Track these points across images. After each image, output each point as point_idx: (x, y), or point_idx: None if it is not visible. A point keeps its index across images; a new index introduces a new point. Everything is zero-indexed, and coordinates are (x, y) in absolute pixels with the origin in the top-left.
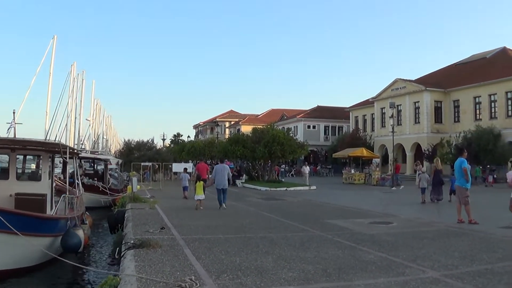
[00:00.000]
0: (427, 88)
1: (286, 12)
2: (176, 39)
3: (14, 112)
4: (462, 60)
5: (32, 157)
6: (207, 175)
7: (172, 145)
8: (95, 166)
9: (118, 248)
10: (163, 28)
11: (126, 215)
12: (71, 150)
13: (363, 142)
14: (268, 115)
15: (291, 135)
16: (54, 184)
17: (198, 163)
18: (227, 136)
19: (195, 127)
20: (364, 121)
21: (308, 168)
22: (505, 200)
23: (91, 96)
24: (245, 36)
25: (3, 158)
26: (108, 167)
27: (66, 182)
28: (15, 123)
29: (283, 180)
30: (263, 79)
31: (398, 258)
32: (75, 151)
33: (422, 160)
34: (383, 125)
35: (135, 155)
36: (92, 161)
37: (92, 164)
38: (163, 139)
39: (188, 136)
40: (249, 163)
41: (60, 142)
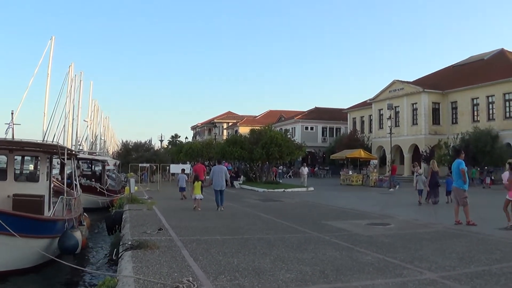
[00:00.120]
0: (425, 90)
1: (284, 13)
2: (174, 41)
3: (12, 113)
4: (460, 61)
5: (30, 158)
6: (204, 176)
7: (170, 146)
8: (93, 167)
9: (115, 249)
10: (161, 29)
11: (123, 216)
12: (69, 151)
13: (361, 143)
14: (266, 116)
15: (289, 136)
16: (52, 185)
17: (196, 164)
18: (225, 137)
19: (193, 128)
20: (362, 122)
21: (306, 169)
22: (502, 201)
23: (89, 97)
24: (243, 37)
25: (1, 159)
26: (106, 168)
27: (64, 183)
28: (13, 123)
29: (281, 181)
30: (261, 81)
31: (395, 260)
32: (73, 152)
33: (420, 161)
34: (381, 126)
35: (133, 156)
36: (89, 162)
37: (89, 165)
38: (161, 140)
39: (186, 137)
40: (246, 164)
41: (58, 143)
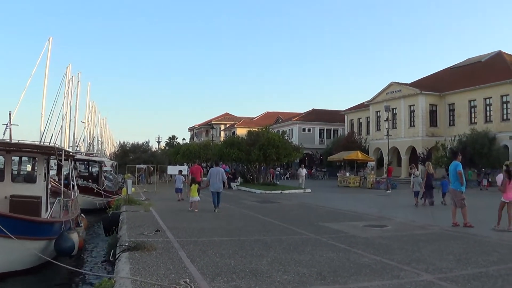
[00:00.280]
0: (422, 92)
1: (282, 15)
2: (172, 42)
3: (10, 114)
4: (458, 63)
5: (28, 158)
6: (201, 178)
7: (167, 147)
8: (90, 169)
9: (112, 251)
10: (159, 30)
11: (121, 218)
12: (66, 153)
13: (358, 145)
14: (263, 118)
15: (286, 138)
16: (50, 185)
17: (193, 165)
18: (222, 139)
19: (190, 129)
20: (359, 124)
21: (304, 170)
22: (499, 203)
23: (87, 98)
24: (241, 39)
25: None
26: (103, 169)
27: (61, 185)
28: (11, 124)
29: (278, 183)
30: (259, 82)
31: (392, 261)
32: (70, 154)
33: (417, 163)
34: (378, 128)
35: (130, 157)
36: (87, 163)
37: (87, 166)
38: (158, 142)
39: (183, 139)
40: (244, 166)
41: (56, 145)
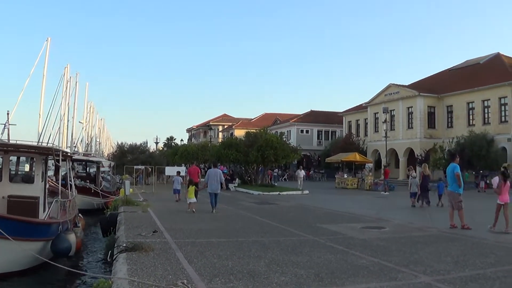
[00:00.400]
0: (421, 94)
1: (280, 16)
2: (170, 43)
3: (8, 113)
4: (456, 65)
5: (26, 158)
6: (198, 179)
7: (165, 148)
8: (88, 169)
9: (110, 251)
10: (157, 31)
11: (118, 218)
12: (64, 153)
13: (356, 147)
14: (261, 119)
15: (284, 139)
16: (48, 185)
17: (190, 166)
18: (220, 140)
19: (188, 130)
20: (357, 126)
21: (302, 172)
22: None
23: (85, 98)
24: (239, 40)
25: None
26: (101, 170)
27: (59, 185)
28: (9, 124)
29: (276, 184)
30: (257, 83)
31: (390, 263)
32: (68, 154)
33: (415, 165)
34: (376, 130)
35: (128, 158)
36: (84, 163)
37: (84, 167)
38: (156, 143)
39: (181, 140)
40: (242, 167)
41: (53, 146)
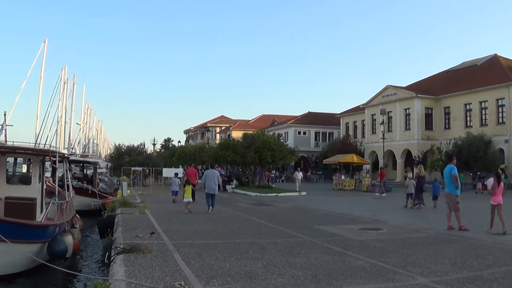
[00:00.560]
0: (418, 95)
1: (278, 18)
2: (168, 44)
3: (5, 114)
4: (453, 67)
5: (23, 159)
6: (196, 180)
7: (162, 150)
8: (85, 171)
9: (107, 253)
10: (155, 32)
11: (116, 220)
12: (61, 155)
13: (354, 148)
14: (259, 120)
15: (282, 141)
16: (45, 186)
17: (188, 168)
18: (217, 141)
19: (186, 132)
20: (355, 127)
21: (300, 173)
22: None
23: (82, 100)
24: (237, 41)
25: None
26: (98, 171)
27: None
28: (6, 125)
29: (273, 185)
30: (254, 85)
31: (387, 264)
32: (65, 155)
33: (412, 166)
34: (373, 131)
35: (126, 159)
36: (81, 165)
37: (81, 168)
38: (154, 144)
39: (179, 141)
40: (239, 169)
41: (50, 148)
